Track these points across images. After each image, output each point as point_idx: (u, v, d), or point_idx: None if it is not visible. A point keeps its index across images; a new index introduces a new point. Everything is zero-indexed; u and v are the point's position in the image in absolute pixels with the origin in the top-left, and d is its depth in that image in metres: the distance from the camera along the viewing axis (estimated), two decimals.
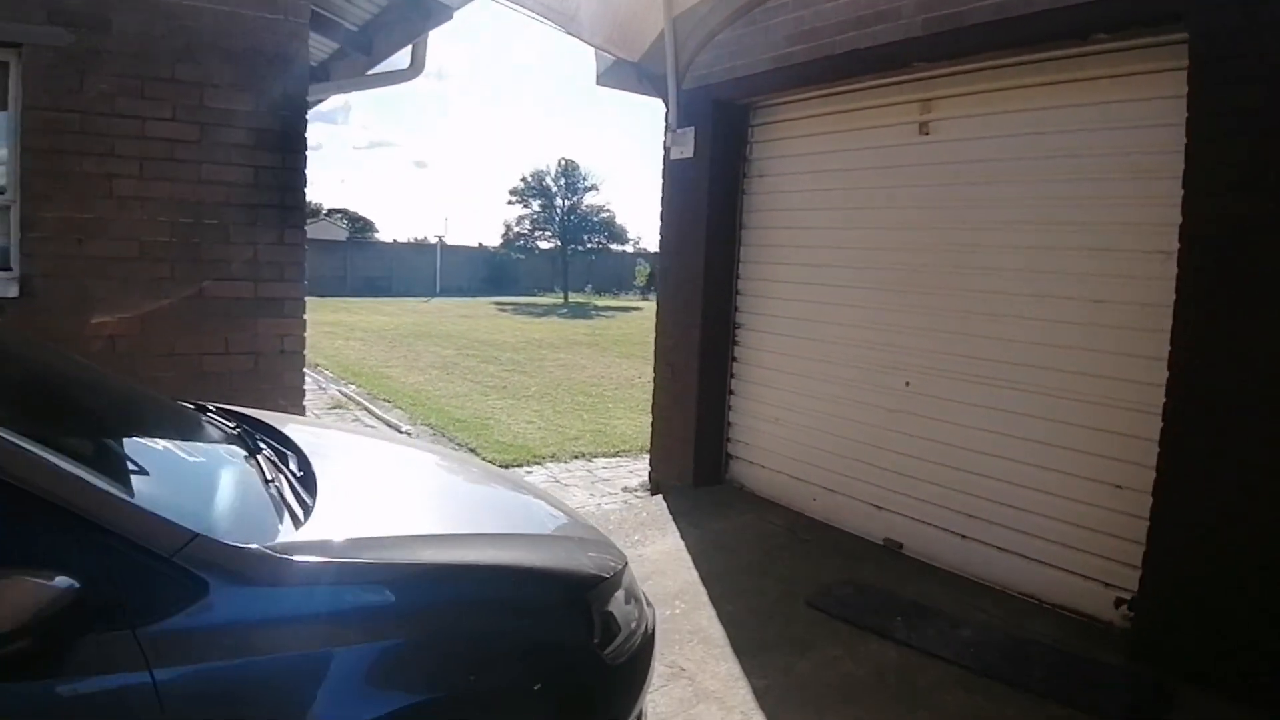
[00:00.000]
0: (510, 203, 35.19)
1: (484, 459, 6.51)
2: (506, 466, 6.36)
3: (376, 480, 2.39)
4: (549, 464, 6.56)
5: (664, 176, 5.71)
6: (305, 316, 4.40)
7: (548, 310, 26.15)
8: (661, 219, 5.76)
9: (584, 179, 35.11)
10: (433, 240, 35.34)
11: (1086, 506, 3.61)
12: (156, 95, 4.00)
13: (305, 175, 4.36)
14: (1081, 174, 3.62)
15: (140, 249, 4.03)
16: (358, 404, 8.41)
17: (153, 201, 4.03)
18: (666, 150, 5.59)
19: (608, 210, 35.45)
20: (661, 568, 4.17)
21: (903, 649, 3.35)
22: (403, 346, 14.09)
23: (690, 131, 5.37)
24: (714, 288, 5.43)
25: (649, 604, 2.33)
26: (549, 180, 34.82)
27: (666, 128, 5.54)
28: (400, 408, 8.44)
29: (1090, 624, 3.57)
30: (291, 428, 2.50)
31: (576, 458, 6.81)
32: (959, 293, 4.14)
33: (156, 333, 4.09)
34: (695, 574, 4.11)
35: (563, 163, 34.84)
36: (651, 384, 5.95)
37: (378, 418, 7.82)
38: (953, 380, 4.17)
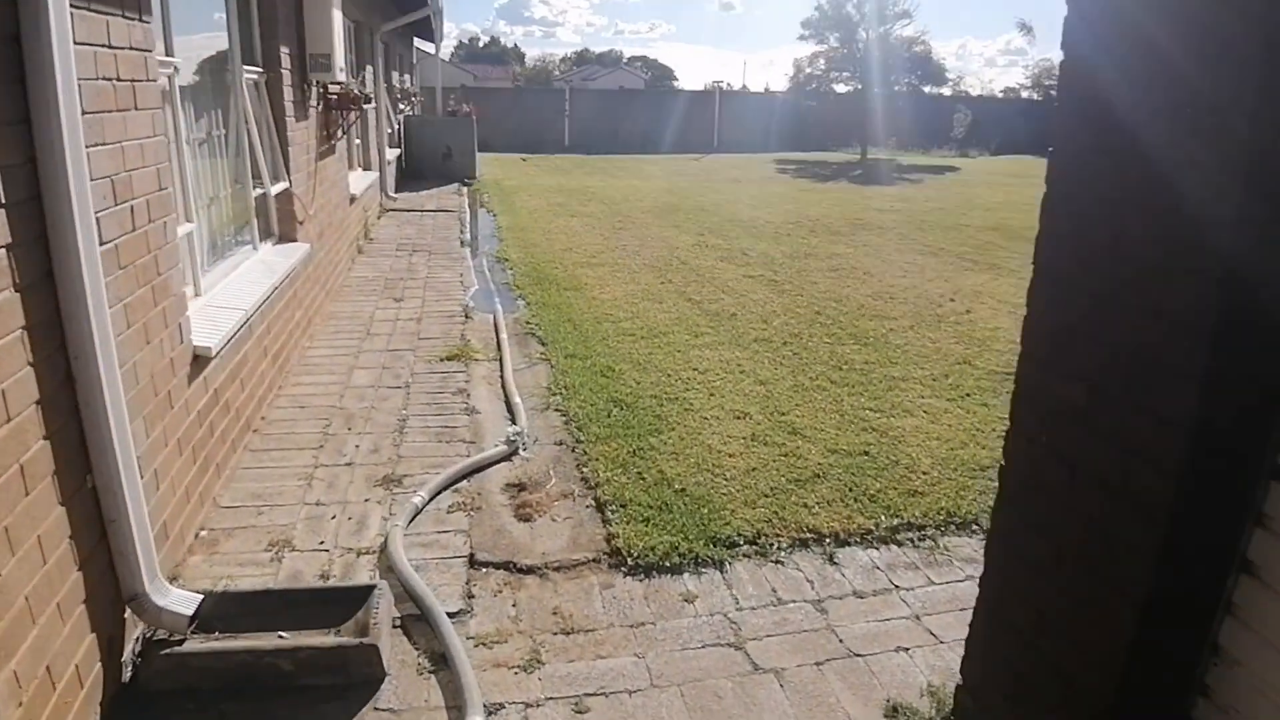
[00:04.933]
0: (802, 38, 29.42)
1: (607, 560, 3.31)
2: (650, 569, 3.10)
3: None
4: (739, 563, 3.17)
5: None
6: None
7: (838, 171, 21.50)
8: (1065, 48, 1.82)
9: (893, 4, 28.33)
10: (726, 86, 30.81)
11: None
12: None
13: None
14: None
15: None
16: (488, 355, 5.49)
17: None
18: None
19: (922, 43, 28.48)
20: None
21: None
22: (632, 229, 11.01)
23: None
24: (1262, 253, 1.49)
25: None
26: (850, 8, 28.52)
27: None
28: (551, 359, 5.39)
29: None
30: None
31: (805, 541, 3.32)
32: None
33: None
34: None
35: None
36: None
37: (503, 385, 4.87)
38: None
